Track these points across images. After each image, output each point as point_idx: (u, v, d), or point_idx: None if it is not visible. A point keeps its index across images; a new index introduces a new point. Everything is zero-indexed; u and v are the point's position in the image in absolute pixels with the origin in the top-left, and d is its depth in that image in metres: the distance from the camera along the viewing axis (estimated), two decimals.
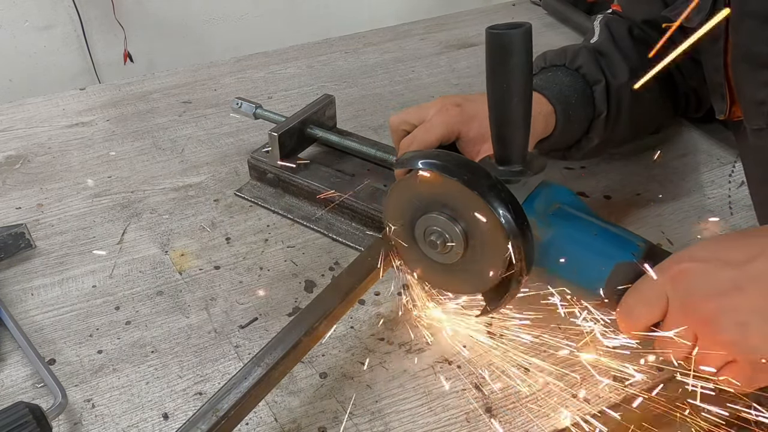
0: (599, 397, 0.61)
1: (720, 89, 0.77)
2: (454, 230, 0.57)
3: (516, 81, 0.55)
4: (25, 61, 2.22)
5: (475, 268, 0.59)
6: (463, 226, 0.57)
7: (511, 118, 0.57)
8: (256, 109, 0.91)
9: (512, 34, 0.54)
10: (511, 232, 0.54)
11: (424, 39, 1.30)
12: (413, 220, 0.60)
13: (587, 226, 0.60)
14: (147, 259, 0.77)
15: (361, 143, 0.87)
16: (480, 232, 0.56)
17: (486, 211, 0.54)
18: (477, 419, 0.59)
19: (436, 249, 0.59)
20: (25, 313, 0.69)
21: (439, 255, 0.60)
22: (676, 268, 0.53)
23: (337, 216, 0.81)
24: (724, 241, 0.54)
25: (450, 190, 0.56)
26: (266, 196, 0.86)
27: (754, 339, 0.49)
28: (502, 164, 0.60)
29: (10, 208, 0.84)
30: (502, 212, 0.54)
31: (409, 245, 0.62)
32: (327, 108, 0.91)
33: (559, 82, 0.80)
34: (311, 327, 0.56)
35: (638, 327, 0.55)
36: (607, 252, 0.58)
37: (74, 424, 0.59)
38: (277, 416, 0.60)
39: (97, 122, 1.02)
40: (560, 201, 0.61)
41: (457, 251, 0.58)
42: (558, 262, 0.59)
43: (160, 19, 2.37)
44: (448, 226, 0.58)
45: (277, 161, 0.84)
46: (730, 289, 0.50)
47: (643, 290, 0.55)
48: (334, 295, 0.60)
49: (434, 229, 0.59)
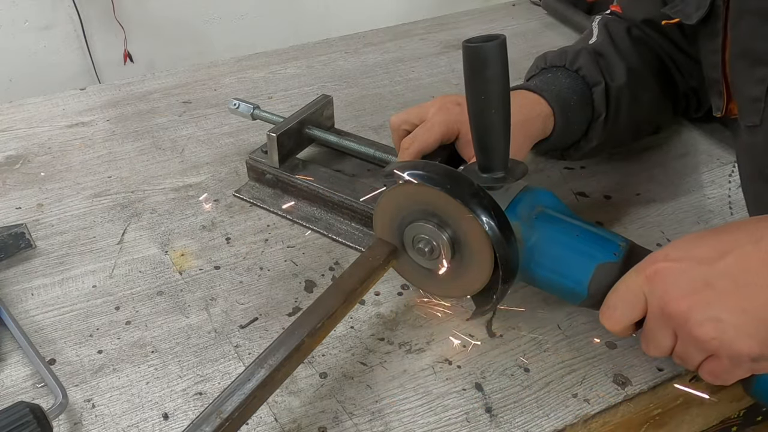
0: (599, 397, 0.61)
1: (717, 86, 0.77)
2: (441, 238, 0.60)
3: (493, 91, 0.57)
4: (25, 61, 2.22)
5: (463, 273, 0.62)
6: (450, 234, 0.60)
7: (491, 128, 0.59)
8: (253, 110, 0.91)
9: (488, 47, 0.55)
10: (495, 237, 0.57)
11: (424, 39, 1.30)
12: (401, 228, 0.63)
13: (569, 228, 0.61)
14: (147, 259, 0.77)
15: (359, 143, 0.87)
16: (466, 238, 0.59)
17: (470, 218, 0.57)
18: (477, 419, 0.60)
19: (425, 256, 0.62)
20: (25, 313, 0.70)
21: (427, 261, 0.63)
22: (652, 269, 0.54)
23: (337, 216, 0.81)
24: (696, 239, 0.55)
25: (435, 199, 0.59)
26: (265, 196, 0.86)
27: (729, 333, 0.51)
28: (485, 172, 0.62)
29: (10, 208, 0.84)
30: (485, 219, 0.57)
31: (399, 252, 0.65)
32: (325, 108, 0.91)
33: (559, 84, 0.80)
34: (314, 328, 0.57)
35: (621, 327, 0.57)
36: (589, 253, 0.60)
37: (74, 423, 0.59)
38: (277, 416, 0.60)
39: (97, 122, 1.02)
40: (543, 204, 0.63)
41: (444, 258, 0.61)
42: (542, 264, 0.61)
43: (160, 19, 2.38)
44: (435, 234, 0.61)
45: (275, 162, 0.84)
46: (702, 287, 0.51)
47: (622, 291, 0.56)
48: (336, 295, 0.60)
49: (422, 237, 0.62)
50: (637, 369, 0.64)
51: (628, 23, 0.88)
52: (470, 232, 0.58)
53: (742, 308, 0.50)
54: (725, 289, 0.51)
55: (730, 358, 0.52)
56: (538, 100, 0.77)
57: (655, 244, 0.78)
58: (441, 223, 0.60)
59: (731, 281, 0.51)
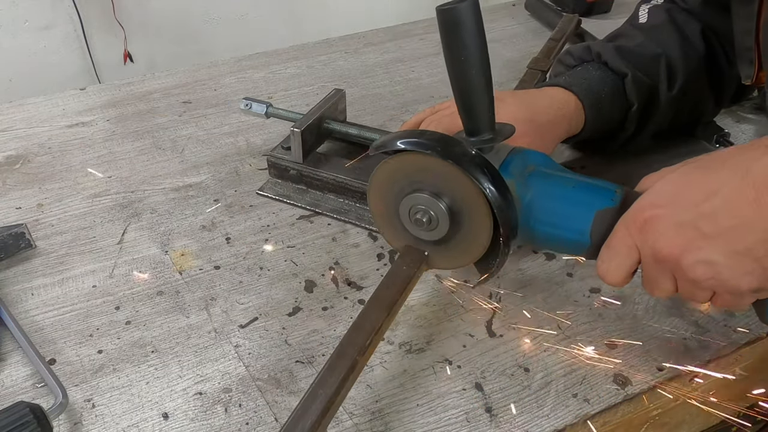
0: (599, 397, 0.61)
1: (749, 54, 0.76)
2: (438, 206, 0.59)
3: (471, 52, 0.56)
4: (25, 61, 2.21)
5: (463, 240, 0.61)
6: (447, 201, 0.59)
7: (472, 89, 0.58)
8: (267, 108, 0.91)
9: (460, 8, 0.55)
10: (492, 197, 0.56)
11: (424, 39, 1.30)
12: (397, 202, 0.62)
13: (564, 180, 0.61)
14: (147, 259, 0.77)
15: (380, 134, 0.87)
16: (463, 203, 0.58)
17: (465, 180, 0.56)
18: (477, 419, 0.60)
19: (423, 227, 0.61)
20: (25, 313, 0.70)
21: (426, 233, 0.61)
22: (640, 218, 0.54)
23: (366, 206, 0.82)
24: (682, 180, 0.54)
25: (428, 165, 0.58)
26: (290, 192, 0.86)
27: (724, 274, 0.51)
28: (473, 135, 0.61)
29: (10, 208, 0.84)
30: (480, 178, 0.55)
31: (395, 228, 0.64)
32: (339, 102, 0.91)
33: (589, 77, 0.81)
34: (363, 346, 0.56)
35: (619, 278, 0.57)
36: (586, 201, 0.59)
37: (74, 423, 0.59)
38: (277, 416, 0.60)
39: (97, 122, 1.02)
40: (534, 163, 0.62)
41: (443, 227, 0.60)
42: (541, 220, 0.60)
43: (160, 19, 2.37)
44: (431, 203, 0.59)
45: (299, 158, 0.84)
46: (691, 231, 0.51)
47: (614, 245, 0.56)
48: (379, 309, 0.59)
49: (419, 208, 0.60)
50: (637, 369, 0.64)
51: (672, 6, 0.88)
52: (467, 195, 0.57)
53: (733, 250, 0.50)
54: (714, 232, 0.50)
55: (731, 294, 0.52)
56: (567, 97, 0.78)
57: None
58: (437, 190, 0.59)
59: (719, 223, 0.50)
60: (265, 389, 0.62)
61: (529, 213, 0.60)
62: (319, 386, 0.52)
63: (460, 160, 0.56)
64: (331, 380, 0.52)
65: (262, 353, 0.65)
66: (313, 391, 0.52)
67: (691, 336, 0.67)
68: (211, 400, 0.61)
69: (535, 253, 0.77)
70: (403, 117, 1.04)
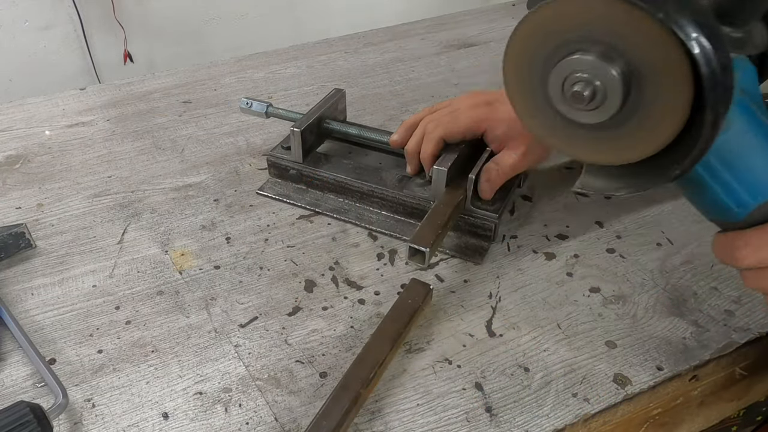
0: (599, 396, 0.61)
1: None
2: (609, 73, 0.42)
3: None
4: (25, 61, 2.22)
5: (639, 125, 0.44)
6: (622, 66, 0.42)
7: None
8: (267, 108, 0.91)
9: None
10: (707, 61, 0.38)
11: (424, 39, 1.30)
12: (546, 71, 0.46)
13: None
14: (147, 258, 0.77)
15: (381, 134, 0.87)
16: (649, 70, 0.42)
17: (665, 35, 0.39)
18: (477, 419, 0.60)
19: (583, 103, 0.44)
20: (25, 312, 0.70)
21: (585, 113, 0.45)
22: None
23: (366, 206, 0.83)
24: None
25: (606, 12, 0.41)
26: (290, 192, 0.87)
27: None
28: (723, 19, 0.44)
29: (10, 208, 0.84)
30: (694, 34, 0.38)
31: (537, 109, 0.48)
32: (339, 102, 0.92)
33: None
34: (367, 378, 0.58)
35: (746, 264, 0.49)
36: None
37: (74, 423, 0.59)
38: (277, 416, 0.60)
39: (97, 122, 1.02)
40: (746, 89, 0.46)
41: (612, 103, 0.44)
42: (726, 164, 0.47)
43: (160, 19, 2.38)
44: (599, 69, 0.43)
45: (299, 157, 0.85)
46: None
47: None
48: (384, 342, 0.61)
49: (579, 77, 0.44)
50: (637, 369, 0.64)
51: None
52: (660, 58, 0.40)
53: None
54: None
55: None
56: None
57: (655, 244, 0.78)
58: (611, 51, 0.42)
59: None
60: (265, 389, 0.62)
61: (716, 150, 0.46)
62: (323, 417, 0.54)
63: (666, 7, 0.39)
64: (334, 412, 0.54)
65: (262, 353, 0.65)
66: (317, 422, 0.53)
67: (690, 336, 0.67)
68: (211, 399, 0.61)
69: (535, 252, 0.77)
70: (403, 117, 1.04)
